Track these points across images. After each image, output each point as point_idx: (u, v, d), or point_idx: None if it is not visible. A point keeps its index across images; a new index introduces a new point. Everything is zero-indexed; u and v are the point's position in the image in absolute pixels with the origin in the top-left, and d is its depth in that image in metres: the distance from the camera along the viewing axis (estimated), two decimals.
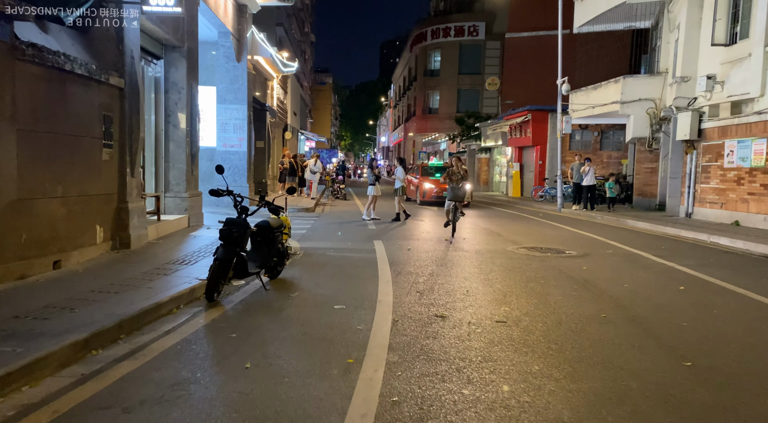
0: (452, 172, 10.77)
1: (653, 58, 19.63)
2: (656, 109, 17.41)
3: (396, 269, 7.36)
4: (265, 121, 19.64)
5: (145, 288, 5.45)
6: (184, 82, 9.99)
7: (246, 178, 15.76)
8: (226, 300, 5.61)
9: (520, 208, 19.75)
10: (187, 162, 10.17)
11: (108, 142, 7.00)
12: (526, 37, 29.46)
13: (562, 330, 4.73)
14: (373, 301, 5.61)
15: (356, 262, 7.91)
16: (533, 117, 23.08)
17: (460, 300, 5.74)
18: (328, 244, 9.72)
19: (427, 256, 8.51)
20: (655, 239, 11.31)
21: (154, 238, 8.42)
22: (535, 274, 7.22)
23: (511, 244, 9.99)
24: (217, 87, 15.59)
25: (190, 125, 10.29)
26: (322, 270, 7.30)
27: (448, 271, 7.38)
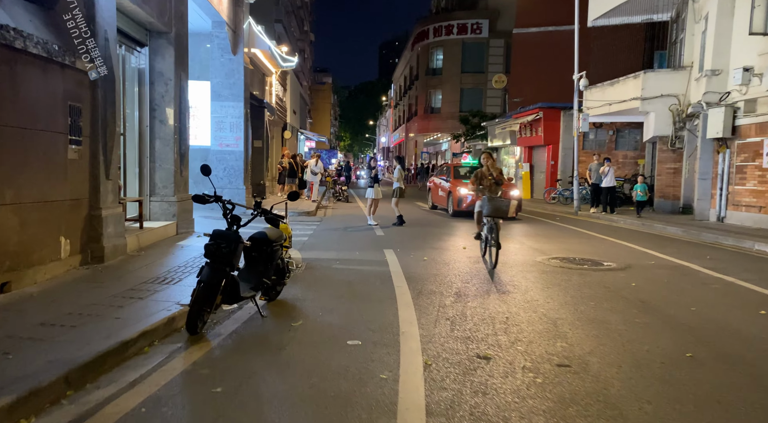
0: (481, 175, 8.15)
1: (674, 52, 18.57)
2: (680, 105, 16.35)
3: (415, 287, 6.28)
4: (263, 119, 18.56)
5: (112, 318, 4.36)
6: (171, 73, 8.90)
7: (243, 179, 14.67)
8: (212, 332, 4.53)
9: (533, 211, 18.66)
10: (176, 162, 9.08)
11: (75, 138, 5.91)
12: (535, 32, 28.38)
13: (646, 378, 3.64)
14: (394, 332, 4.53)
15: (367, 277, 6.83)
16: (545, 115, 22.02)
17: (502, 331, 4.66)
18: (333, 254, 8.63)
19: (448, 270, 7.42)
20: (693, 247, 10.23)
21: (135, 249, 7.33)
22: (579, 293, 6.14)
23: (539, 253, 8.90)
24: (211, 82, 14.49)
25: (179, 121, 9.21)
26: (328, 288, 6.22)
27: (476, 289, 6.29)
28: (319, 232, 11.39)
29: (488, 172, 8.09)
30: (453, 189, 15.07)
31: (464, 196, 14.34)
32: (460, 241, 10.38)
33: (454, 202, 14.82)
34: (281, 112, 22.61)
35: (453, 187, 15.15)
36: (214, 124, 14.63)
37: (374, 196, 12.89)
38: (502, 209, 7.71)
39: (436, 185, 16.99)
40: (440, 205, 16.49)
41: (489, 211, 7.58)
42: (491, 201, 7.67)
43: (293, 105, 27.71)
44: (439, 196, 16.50)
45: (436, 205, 16.97)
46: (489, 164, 8.21)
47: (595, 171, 16.39)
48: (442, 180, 16.54)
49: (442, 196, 16.07)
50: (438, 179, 17.12)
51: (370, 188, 13.01)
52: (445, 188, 15.90)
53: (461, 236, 11.08)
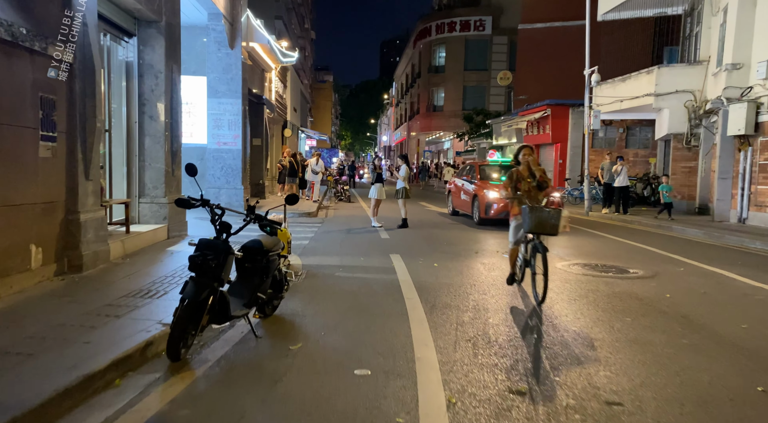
0: (518, 176, 5.97)
1: (688, 47, 17.93)
2: (696, 101, 15.71)
3: (428, 299, 5.65)
4: (262, 117, 17.93)
5: (80, 343, 3.74)
6: (162, 65, 8.27)
7: (241, 179, 14.05)
8: (198, 358, 3.90)
9: None
10: (167, 160, 8.46)
11: (48, 134, 5.29)
12: (541, 28, 27.73)
13: (717, 421, 3.02)
14: (408, 358, 3.90)
15: (374, 288, 6.20)
16: (553, 112, 21.38)
17: (533, 356, 4.03)
18: (335, 259, 8.01)
19: (462, 279, 6.79)
20: (719, 251, 9.60)
21: (120, 256, 6.71)
22: (611, 306, 5.51)
23: (557, 258, 8.27)
24: (207, 77, 13.86)
25: (171, 117, 8.59)
26: (331, 300, 5.59)
27: (495, 302, 5.66)
28: (321, 235, 10.77)
29: (527, 172, 5.93)
30: (479, 192, 12.67)
31: (493, 201, 12.07)
32: (470, 245, 9.75)
33: (480, 209, 12.41)
34: (281, 110, 21.99)
35: (479, 189, 12.74)
36: (210, 121, 14.01)
37: (377, 197, 12.27)
38: (551, 223, 5.45)
39: (458, 187, 14.65)
40: (463, 211, 14.24)
41: (532, 226, 5.50)
42: (534, 212, 5.48)
43: (294, 102, 27.07)
44: (461, 201, 14.15)
45: (457, 210, 14.75)
46: (530, 161, 5.95)
47: (607, 170, 15.77)
48: (465, 181, 14.10)
49: (466, 201, 13.75)
50: (460, 180, 14.71)
51: (373, 188, 12.39)
52: (469, 191, 13.54)
53: (472, 239, 10.45)
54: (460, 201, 14.30)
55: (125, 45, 8.11)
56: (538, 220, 5.46)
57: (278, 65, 19.05)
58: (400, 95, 66.51)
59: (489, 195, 12.25)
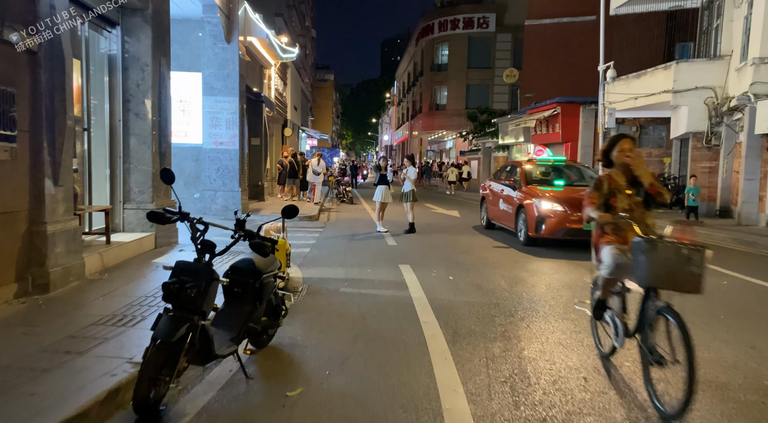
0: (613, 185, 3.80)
1: (706, 41, 17.14)
2: (717, 98, 14.93)
3: (447, 323, 4.89)
4: (261, 115, 17.17)
5: (23, 395, 2.98)
6: (148, 57, 7.51)
7: (238, 181, 13.28)
8: (174, 410, 3.14)
9: None
10: (154, 162, 7.70)
11: (6, 133, 4.53)
12: (549, 24, 26.90)
13: None
14: (434, 410, 3.14)
15: (384, 308, 5.43)
16: (563, 110, 20.59)
17: (588, 405, 3.27)
18: (339, 271, 7.25)
19: (482, 296, 6.03)
20: (758, 260, 8.82)
21: (97, 271, 5.95)
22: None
23: (585, 268, 7.51)
24: (203, 73, 13.10)
25: (159, 114, 7.83)
26: (336, 325, 4.83)
27: (526, 327, 4.90)
28: (323, 241, 10.01)
29: (627, 178, 3.77)
30: (526, 202, 9.66)
31: (547, 214, 9.14)
32: (485, 252, 8.98)
33: (529, 224, 9.41)
34: (281, 108, 21.23)
35: (526, 198, 9.76)
36: (206, 119, 13.25)
37: (382, 200, 11.51)
38: (688, 272, 3.18)
39: (496, 194, 11.59)
40: (501, 224, 11.30)
41: (654, 276, 3.24)
42: (658, 251, 3.18)
43: (294, 101, 26.31)
44: (500, 211, 11.15)
45: (494, 222, 11.82)
46: (631, 162, 3.71)
47: None
48: (505, 187, 11.08)
49: (506, 212, 10.74)
50: (498, 185, 11.66)
51: (377, 190, 11.62)
52: (511, 200, 10.51)
53: (485, 246, 9.68)
54: (499, 212, 11.22)
55: (108, 35, 7.36)
56: (665, 265, 3.17)
57: (278, 62, 18.30)
58: (401, 94, 65.73)
59: (541, 206, 9.26)
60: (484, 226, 12.38)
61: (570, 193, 9.60)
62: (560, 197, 9.42)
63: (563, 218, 9.02)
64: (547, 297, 6.02)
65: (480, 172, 31.59)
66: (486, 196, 12.52)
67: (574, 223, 8.85)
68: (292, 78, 24.63)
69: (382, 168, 12.04)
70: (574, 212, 8.81)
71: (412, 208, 11.46)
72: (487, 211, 12.33)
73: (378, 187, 11.64)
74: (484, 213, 12.54)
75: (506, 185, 11.12)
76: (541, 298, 5.95)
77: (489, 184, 12.62)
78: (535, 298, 5.97)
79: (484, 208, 12.58)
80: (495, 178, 12.65)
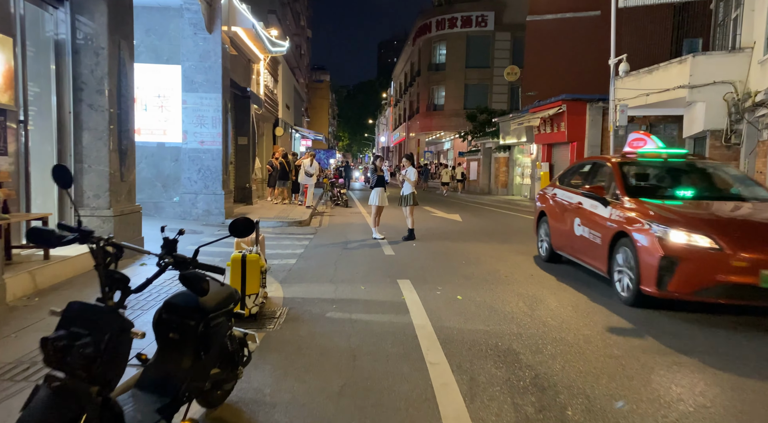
0: None
1: (722, 34, 16.16)
2: (736, 93, 13.94)
3: (461, 365, 3.82)
4: (248, 113, 16.08)
5: None
6: (104, 39, 6.43)
7: (221, 183, 12.19)
8: None
9: None
10: (112, 161, 6.61)
11: None
12: (551, 19, 25.92)
13: None
14: None
15: (381, 342, 4.35)
16: (568, 108, 19.57)
17: None
18: (328, 289, 6.16)
19: (499, 323, 4.95)
20: None
21: (26, 295, 4.85)
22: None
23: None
24: (182, 65, 12.02)
25: (119, 106, 6.75)
26: (318, 370, 3.74)
27: (561, 368, 3.82)
28: (312, 250, 8.93)
29: None
30: (635, 228, 5.66)
31: (684, 254, 5.11)
32: (494, 263, 7.90)
33: (642, 270, 5.37)
34: (271, 106, 20.14)
35: (632, 220, 5.78)
36: (186, 116, 12.17)
37: (379, 203, 10.45)
38: None
39: (566, 209, 7.48)
40: (579, 259, 7.02)
41: None
42: None
43: (286, 99, 25.21)
44: (576, 239, 6.95)
45: (561, 252, 7.64)
46: None
47: None
48: (585, 198, 6.94)
49: (588, 241, 6.59)
50: (570, 194, 7.55)
51: (373, 193, 10.56)
52: (600, 221, 6.38)
53: (494, 256, 8.60)
54: (573, 238, 7.02)
55: (54, 12, 6.27)
56: None
57: (267, 56, 17.22)
58: (398, 95, 64.75)
59: (669, 237, 5.23)
60: (545, 257, 8.18)
61: (723, 214, 5.75)
62: (707, 221, 5.32)
63: (718, 263, 4.90)
64: (576, 323, 4.95)
65: (480, 173, 30.57)
66: (548, 211, 8.22)
67: (742, 275, 4.80)
68: (283, 75, 23.55)
69: (378, 168, 10.95)
70: (739, 252, 4.86)
71: (411, 213, 10.39)
72: (549, 235, 7.99)
73: (374, 190, 10.58)
74: (545, 237, 8.22)
75: (587, 196, 6.82)
76: (570, 325, 4.88)
77: (552, 192, 8.26)
78: (564, 325, 4.89)
79: (544, 228, 8.29)
80: (561, 182, 8.24)
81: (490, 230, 12.50)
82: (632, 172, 6.84)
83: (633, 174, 6.81)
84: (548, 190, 8.58)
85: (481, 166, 30.30)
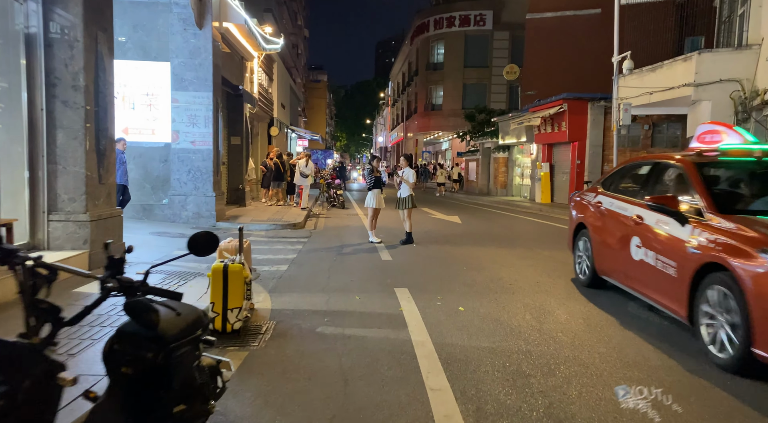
0: None
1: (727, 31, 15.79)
2: (743, 91, 13.55)
3: (467, 393, 3.39)
4: (241, 112, 15.64)
5: None
6: (79, 31, 6.00)
7: (212, 184, 11.75)
8: None
9: (559, 218, 15.81)
10: (89, 162, 6.18)
11: None
12: (551, 17, 25.53)
13: None
14: None
15: (376, 364, 3.92)
16: (570, 107, 19.17)
17: None
18: (320, 299, 5.73)
19: (505, 338, 4.53)
20: None
21: None
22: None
23: (625, 294, 6.04)
24: (171, 62, 11.59)
25: (96, 103, 6.31)
26: (304, 398, 3.31)
27: (580, 395, 3.40)
28: (305, 256, 8.50)
29: None
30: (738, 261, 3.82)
31: None
32: (497, 270, 7.48)
33: (757, 324, 3.57)
34: (266, 105, 19.69)
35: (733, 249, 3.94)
36: (175, 115, 11.73)
37: (375, 206, 10.03)
38: None
39: (618, 222, 5.80)
40: (639, 291, 5.31)
41: None
42: None
43: (281, 98, 24.76)
44: (635, 265, 5.28)
45: (608, 277, 6.07)
46: None
47: None
48: (645, 210, 5.25)
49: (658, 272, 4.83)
50: (622, 205, 5.87)
51: (370, 195, 10.13)
52: (668, 243, 4.76)
53: (497, 262, 8.17)
54: (629, 262, 5.41)
55: (25, 3, 5.82)
56: None
57: (261, 53, 16.78)
58: (396, 94, 64.34)
59: None
60: (585, 281, 6.45)
61: None
62: None
63: None
64: (589, 338, 4.53)
65: (478, 174, 30.17)
66: (589, 223, 6.50)
67: None
68: (279, 73, 23.10)
69: (375, 169, 10.51)
70: None
71: (409, 217, 9.95)
72: (591, 254, 6.28)
73: (370, 192, 10.14)
74: (584, 254, 6.54)
75: (653, 208, 5.04)
76: (583, 341, 4.45)
77: (595, 199, 6.48)
78: (576, 341, 4.47)
79: (584, 244, 6.56)
80: (607, 187, 6.48)
81: (491, 233, 12.09)
82: (716, 176, 5.09)
83: (717, 179, 5.06)
84: (588, 196, 6.74)
85: (479, 167, 29.91)
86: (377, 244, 9.71)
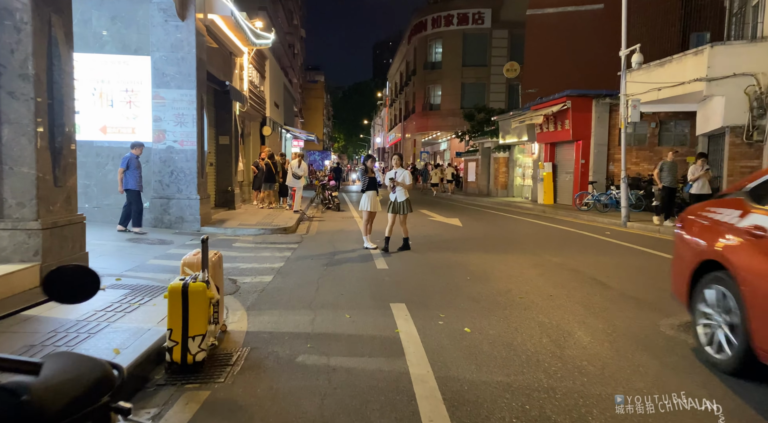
0: None
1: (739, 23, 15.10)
2: (759, 86, 12.84)
3: None
4: (231, 110, 14.87)
5: None
6: (27, 12, 5.24)
7: (196, 187, 10.98)
8: None
9: (564, 220, 15.10)
10: (41, 162, 5.41)
11: None
12: (552, 13, 24.83)
13: None
14: None
15: (365, 410, 3.15)
16: (573, 105, 18.43)
17: None
18: (305, 318, 4.97)
19: (522, 370, 3.78)
20: None
21: None
22: None
23: (650, 309, 5.29)
24: (152, 56, 10.83)
25: (51, 95, 5.55)
26: None
27: None
28: (293, 264, 7.74)
29: None
30: None
31: None
32: (505, 281, 6.72)
33: None
34: (258, 104, 18.92)
35: None
36: (157, 112, 10.97)
37: (370, 209, 9.28)
38: None
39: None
40: None
41: None
42: None
43: (275, 97, 23.99)
44: None
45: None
46: None
47: (668, 171, 13.44)
48: None
49: None
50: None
51: (364, 197, 9.38)
52: None
53: (504, 271, 7.41)
54: None
55: None
56: None
57: (251, 49, 16.01)
58: (394, 94, 63.60)
59: None
60: (726, 361, 3.67)
61: None
62: None
63: None
64: (625, 369, 3.78)
65: (478, 174, 29.43)
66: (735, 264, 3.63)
67: None
68: (271, 71, 22.33)
69: (369, 170, 9.75)
70: None
71: (404, 222, 9.18)
72: (747, 315, 3.43)
73: (364, 194, 9.40)
74: (721, 316, 3.79)
75: None
76: (614, 373, 3.70)
77: (743, 222, 3.73)
78: (607, 373, 3.72)
79: (720, 296, 3.80)
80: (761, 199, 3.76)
81: (495, 237, 11.34)
82: None
83: None
84: (725, 215, 4.05)
85: (479, 167, 29.16)
86: (372, 250, 8.96)
